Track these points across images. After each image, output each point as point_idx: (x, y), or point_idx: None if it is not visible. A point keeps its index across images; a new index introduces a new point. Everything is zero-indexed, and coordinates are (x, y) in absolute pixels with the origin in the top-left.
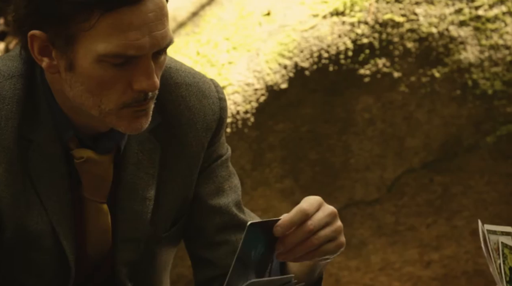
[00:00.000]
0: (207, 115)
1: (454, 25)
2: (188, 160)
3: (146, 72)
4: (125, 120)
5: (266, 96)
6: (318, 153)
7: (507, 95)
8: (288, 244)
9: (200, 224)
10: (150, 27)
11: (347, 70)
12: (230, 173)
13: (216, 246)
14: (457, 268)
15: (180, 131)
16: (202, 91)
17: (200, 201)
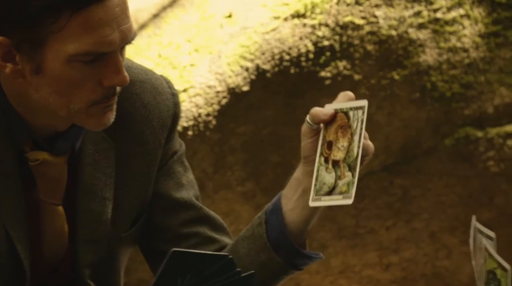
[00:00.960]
0: (162, 112)
1: (413, 28)
2: (145, 157)
3: (116, 68)
4: (94, 117)
5: (228, 98)
6: (279, 156)
7: (465, 97)
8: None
9: (164, 220)
10: (118, 22)
11: (308, 72)
12: (185, 168)
13: (184, 239)
14: (416, 271)
15: (136, 129)
16: (156, 88)
17: (161, 197)
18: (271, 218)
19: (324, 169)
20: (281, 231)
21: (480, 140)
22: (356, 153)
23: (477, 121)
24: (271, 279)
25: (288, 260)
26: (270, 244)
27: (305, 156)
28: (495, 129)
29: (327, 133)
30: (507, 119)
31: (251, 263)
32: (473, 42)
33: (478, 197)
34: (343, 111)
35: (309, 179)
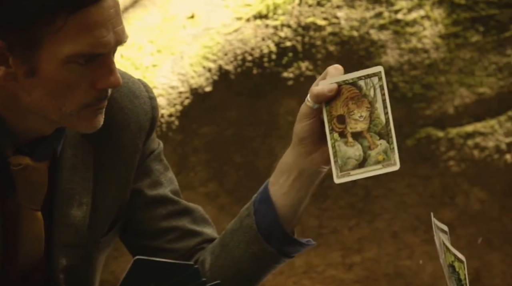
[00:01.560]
0: (140, 116)
1: (374, 29)
2: (123, 162)
3: (109, 69)
4: (85, 120)
5: (190, 99)
6: (242, 156)
7: (426, 98)
8: None
9: (142, 217)
10: (113, 23)
11: (270, 73)
12: (165, 166)
13: (164, 233)
14: (379, 271)
15: (114, 133)
16: (133, 92)
17: (139, 195)
18: (260, 208)
19: (342, 143)
20: (273, 219)
21: (441, 140)
22: (384, 120)
23: (438, 122)
24: (262, 269)
25: (280, 248)
26: (260, 234)
27: (302, 137)
28: (455, 130)
29: (333, 109)
30: (467, 119)
31: (242, 256)
32: (433, 43)
33: (439, 196)
34: (348, 83)
35: (305, 161)
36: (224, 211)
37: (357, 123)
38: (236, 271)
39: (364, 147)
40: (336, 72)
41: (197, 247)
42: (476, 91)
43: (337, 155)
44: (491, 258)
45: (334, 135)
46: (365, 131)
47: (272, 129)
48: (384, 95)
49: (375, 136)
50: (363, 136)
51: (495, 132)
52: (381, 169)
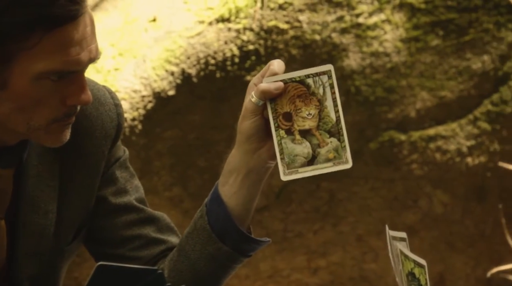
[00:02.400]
0: (105, 123)
1: (336, 33)
2: (89, 169)
3: (81, 87)
4: (52, 134)
5: (153, 103)
6: (206, 160)
7: (388, 101)
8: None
9: (107, 224)
10: (87, 41)
11: (234, 76)
12: (130, 174)
13: (128, 241)
14: (344, 274)
15: (79, 141)
16: (98, 99)
17: (104, 202)
18: (212, 208)
19: (289, 141)
20: (226, 219)
21: (404, 143)
22: (335, 118)
23: (400, 125)
24: (219, 270)
25: (235, 247)
26: (214, 234)
27: (248, 134)
28: (417, 133)
29: (278, 106)
30: (429, 122)
31: (199, 258)
32: (394, 47)
33: (402, 199)
34: (295, 81)
35: (253, 158)
36: (189, 216)
37: (305, 121)
38: (194, 274)
39: (313, 145)
40: (278, 64)
41: (160, 255)
42: (437, 94)
43: (284, 152)
44: (455, 261)
45: (280, 133)
46: (314, 129)
47: (236, 133)
48: (334, 93)
49: (325, 134)
50: (311, 134)
51: (456, 135)
52: (332, 167)
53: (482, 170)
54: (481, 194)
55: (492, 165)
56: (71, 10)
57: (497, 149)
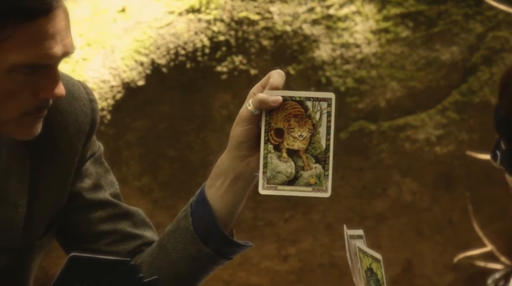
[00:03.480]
0: (79, 118)
1: (307, 24)
2: (61, 164)
3: (54, 81)
4: (23, 127)
5: (122, 93)
6: (176, 150)
7: (359, 92)
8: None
9: (82, 220)
10: (61, 35)
11: (204, 67)
12: (105, 169)
13: (103, 237)
14: (313, 261)
15: (52, 135)
16: (72, 94)
17: (78, 198)
18: (197, 209)
19: (275, 156)
20: (210, 221)
21: (374, 133)
22: (325, 146)
23: (370, 115)
24: (199, 271)
25: (217, 249)
26: (197, 235)
27: (240, 141)
28: (387, 123)
29: (273, 120)
30: (398, 113)
31: (179, 258)
32: (365, 38)
33: (372, 188)
34: (295, 100)
35: (241, 164)
36: (158, 205)
37: (295, 141)
38: (174, 273)
39: (298, 166)
40: (279, 76)
41: (136, 250)
42: (406, 85)
43: (267, 166)
44: (422, 247)
45: (268, 147)
46: (302, 151)
47: (206, 123)
48: (330, 122)
49: (311, 158)
50: (298, 156)
51: (425, 125)
52: (310, 192)
53: (450, 159)
54: (449, 182)
55: (460, 153)
56: (46, 3)
57: (465, 138)
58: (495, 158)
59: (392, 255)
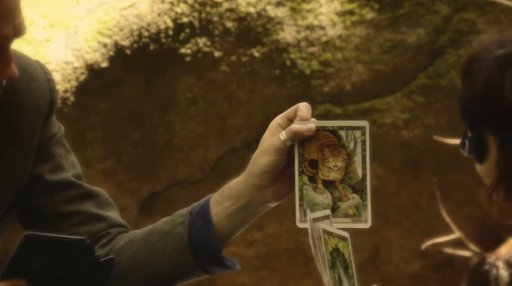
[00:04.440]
0: (37, 99)
1: (271, 5)
2: (20, 146)
3: (6, 61)
4: None
5: (86, 75)
6: (140, 133)
7: (324, 75)
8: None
9: (44, 202)
10: (12, 16)
11: (168, 49)
12: (66, 150)
13: (66, 218)
14: (279, 247)
15: (9, 117)
16: (29, 74)
17: (40, 180)
18: (197, 220)
19: (311, 188)
20: (207, 237)
21: (339, 117)
22: (361, 175)
23: (336, 98)
24: (181, 278)
25: (205, 266)
26: (190, 247)
27: (264, 171)
28: (353, 106)
29: (306, 151)
30: (364, 96)
31: (165, 261)
32: (330, 20)
33: None
34: (328, 130)
35: (258, 193)
36: (123, 188)
37: (330, 172)
38: (155, 272)
39: (334, 197)
40: (307, 109)
41: (102, 232)
42: (372, 68)
43: (303, 198)
44: (389, 233)
45: (303, 178)
46: (338, 182)
47: (170, 106)
48: (365, 151)
49: (348, 189)
50: (334, 186)
51: (391, 109)
52: (350, 223)
53: (417, 143)
54: (416, 167)
55: (427, 138)
56: None
57: (432, 122)
58: (464, 146)
59: (358, 241)
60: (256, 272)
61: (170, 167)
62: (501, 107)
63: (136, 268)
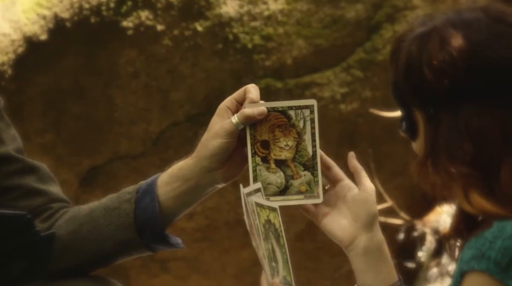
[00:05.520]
0: None
1: None
2: None
3: None
4: None
5: (24, 47)
6: (81, 107)
7: (266, 49)
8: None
9: None
10: None
11: (109, 22)
12: (6, 123)
13: (8, 191)
14: (219, 219)
15: None
16: None
17: None
18: (143, 199)
19: (264, 168)
20: (153, 216)
21: (280, 91)
22: (311, 153)
23: (277, 73)
24: (123, 255)
25: (149, 243)
26: (135, 225)
27: (214, 153)
28: (294, 80)
29: (257, 133)
30: (304, 70)
31: (109, 237)
32: None
33: None
34: (277, 111)
35: (207, 176)
36: (62, 163)
37: (282, 152)
38: (98, 248)
39: (287, 176)
40: (256, 91)
41: (43, 206)
42: (313, 42)
43: (258, 179)
44: None
45: (256, 159)
46: (290, 160)
47: (112, 80)
48: (314, 128)
49: (300, 167)
50: (286, 165)
51: (330, 83)
52: (302, 200)
53: (354, 116)
54: (353, 139)
55: (363, 111)
56: None
57: (369, 95)
58: (401, 127)
59: (296, 211)
60: (197, 244)
61: (111, 141)
62: (422, 83)
63: (78, 242)
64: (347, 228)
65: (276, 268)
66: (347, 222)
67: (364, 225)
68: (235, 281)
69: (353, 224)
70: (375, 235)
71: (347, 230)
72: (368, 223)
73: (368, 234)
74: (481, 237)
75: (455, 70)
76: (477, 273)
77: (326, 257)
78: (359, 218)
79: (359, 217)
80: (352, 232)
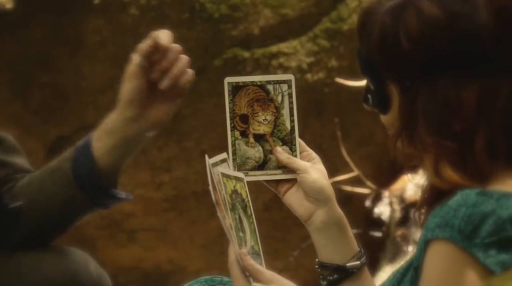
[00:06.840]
0: None
1: None
2: None
3: None
4: None
5: None
6: (48, 76)
7: (233, 19)
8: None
9: None
10: None
11: None
12: None
13: None
14: (187, 189)
15: None
16: None
17: None
18: (80, 155)
19: (243, 143)
20: (90, 170)
21: (247, 60)
22: (290, 127)
23: (244, 42)
24: (72, 214)
25: (93, 198)
26: (74, 180)
27: (129, 99)
28: (261, 50)
29: (236, 107)
30: (271, 40)
31: (54, 198)
32: None
33: None
34: (256, 85)
35: (132, 126)
36: (29, 132)
37: (260, 126)
38: (47, 209)
39: (265, 150)
40: (165, 35)
41: (7, 177)
42: (279, 12)
43: (237, 153)
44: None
45: (235, 133)
46: (268, 135)
47: (79, 49)
48: (292, 103)
49: (278, 141)
50: (265, 140)
51: (297, 52)
52: (280, 175)
53: (321, 86)
54: (319, 109)
55: (330, 80)
56: None
57: (335, 65)
58: (367, 101)
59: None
60: (164, 214)
61: (78, 111)
62: (399, 55)
63: (32, 207)
64: (305, 203)
65: (244, 238)
66: (304, 198)
67: (317, 201)
68: (203, 251)
69: (309, 199)
70: (331, 209)
71: (304, 205)
72: (322, 199)
73: (324, 209)
74: (445, 205)
75: (434, 41)
76: (441, 241)
77: (294, 227)
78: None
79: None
80: (309, 207)
